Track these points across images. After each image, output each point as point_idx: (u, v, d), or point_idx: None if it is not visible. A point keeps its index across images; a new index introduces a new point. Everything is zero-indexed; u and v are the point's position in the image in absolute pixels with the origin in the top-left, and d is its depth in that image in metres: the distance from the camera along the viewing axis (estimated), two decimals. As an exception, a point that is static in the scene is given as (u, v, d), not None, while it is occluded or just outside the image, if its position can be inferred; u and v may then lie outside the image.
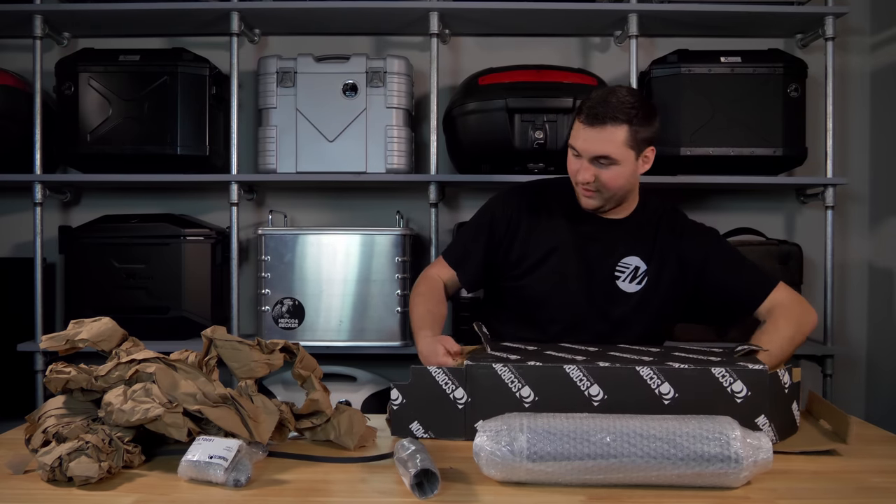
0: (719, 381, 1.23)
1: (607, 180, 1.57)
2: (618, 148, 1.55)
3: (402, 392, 1.29)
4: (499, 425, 1.10)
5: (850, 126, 2.64)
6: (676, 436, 1.06)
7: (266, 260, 2.30)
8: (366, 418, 1.31)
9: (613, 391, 1.24)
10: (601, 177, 1.57)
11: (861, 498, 1.07)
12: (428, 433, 1.29)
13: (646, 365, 1.25)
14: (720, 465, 1.05)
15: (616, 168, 1.56)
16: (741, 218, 2.56)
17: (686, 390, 1.23)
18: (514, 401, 1.25)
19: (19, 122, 2.40)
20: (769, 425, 1.23)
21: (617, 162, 1.56)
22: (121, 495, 1.05)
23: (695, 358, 1.31)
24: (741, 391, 1.23)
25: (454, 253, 1.75)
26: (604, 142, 1.54)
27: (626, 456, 1.05)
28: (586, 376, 1.24)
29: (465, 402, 1.27)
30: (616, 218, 1.69)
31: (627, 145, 1.55)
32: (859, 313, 2.67)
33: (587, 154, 1.56)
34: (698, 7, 2.38)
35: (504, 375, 1.26)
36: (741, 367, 1.24)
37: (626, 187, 1.62)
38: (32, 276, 2.36)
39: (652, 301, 1.65)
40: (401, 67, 2.38)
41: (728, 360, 1.28)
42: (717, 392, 1.23)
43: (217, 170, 2.47)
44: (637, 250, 1.66)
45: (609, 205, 1.64)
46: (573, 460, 1.06)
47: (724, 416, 1.10)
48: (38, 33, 2.38)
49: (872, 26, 2.65)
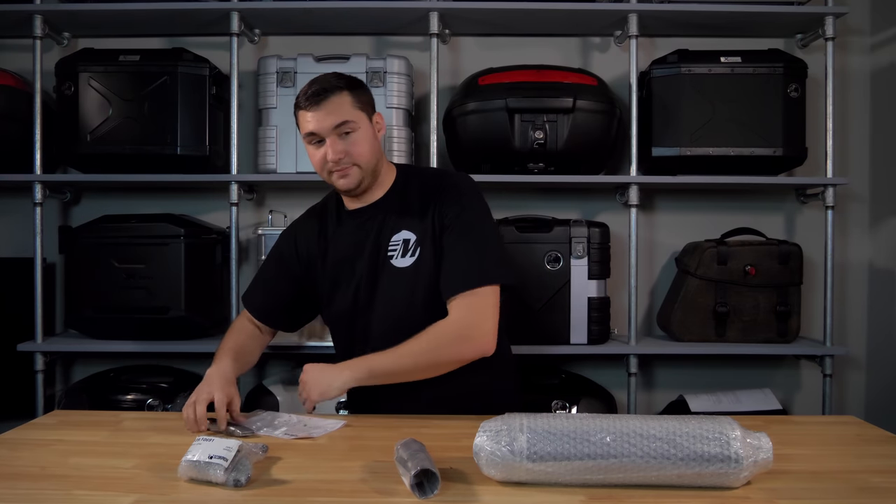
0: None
1: (353, 148, 1.56)
2: (350, 111, 1.56)
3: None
4: (499, 425, 1.10)
5: (850, 126, 2.64)
6: (676, 436, 1.06)
7: (266, 260, 2.30)
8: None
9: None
10: (349, 149, 1.56)
11: (861, 498, 1.07)
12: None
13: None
14: (720, 465, 1.05)
15: (357, 134, 1.57)
16: (741, 218, 2.56)
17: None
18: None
19: (19, 122, 2.40)
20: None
21: (355, 126, 1.56)
22: (121, 495, 1.05)
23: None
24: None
25: (247, 292, 1.77)
26: (335, 112, 1.55)
27: (626, 456, 1.05)
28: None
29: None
30: (377, 199, 1.65)
31: (356, 107, 1.57)
32: (859, 313, 2.67)
33: (325, 129, 1.55)
34: (698, 7, 2.38)
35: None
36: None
37: (374, 154, 1.60)
38: (32, 276, 2.36)
39: (425, 271, 1.58)
40: (401, 67, 2.38)
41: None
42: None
43: (217, 170, 2.47)
44: (404, 224, 1.61)
45: (367, 179, 1.60)
46: (573, 460, 1.06)
47: (725, 417, 1.10)
48: (38, 33, 2.38)
49: (872, 26, 2.65)
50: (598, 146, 2.35)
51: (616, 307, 2.45)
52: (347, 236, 1.66)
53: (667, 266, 2.63)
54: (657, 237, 2.65)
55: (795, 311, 2.36)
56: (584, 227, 2.33)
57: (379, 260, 1.61)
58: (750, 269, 2.33)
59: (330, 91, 1.55)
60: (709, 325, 2.36)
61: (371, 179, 1.62)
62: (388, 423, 1.47)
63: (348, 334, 1.66)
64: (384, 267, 1.60)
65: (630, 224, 2.38)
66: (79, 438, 1.36)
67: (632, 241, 2.38)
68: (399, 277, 1.59)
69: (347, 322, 1.65)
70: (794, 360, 2.63)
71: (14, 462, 1.21)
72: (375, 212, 1.64)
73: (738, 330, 2.36)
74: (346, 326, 1.65)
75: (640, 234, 2.44)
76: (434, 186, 1.62)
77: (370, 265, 1.61)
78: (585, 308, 2.32)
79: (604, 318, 2.36)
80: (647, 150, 2.38)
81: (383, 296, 1.60)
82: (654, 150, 2.36)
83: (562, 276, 2.30)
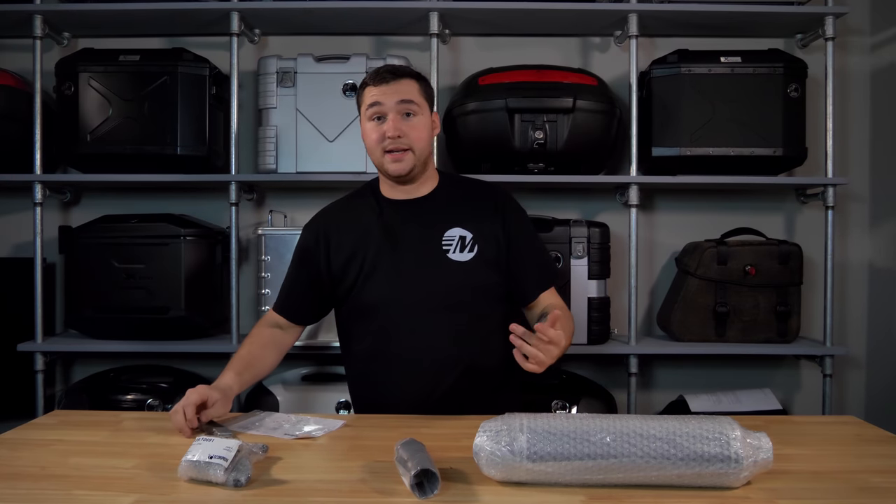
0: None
1: (413, 131, 1.60)
2: (416, 95, 1.62)
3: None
4: (499, 425, 1.10)
5: (850, 126, 2.64)
6: (676, 436, 1.06)
7: (266, 260, 2.30)
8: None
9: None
10: (409, 131, 1.59)
11: (861, 498, 1.07)
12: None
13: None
14: (720, 465, 1.05)
15: (417, 119, 1.61)
16: (741, 218, 2.56)
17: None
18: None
19: (19, 122, 2.40)
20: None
21: (418, 110, 1.61)
22: (121, 495, 1.05)
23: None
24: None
25: (278, 297, 1.76)
26: (405, 90, 1.61)
27: (626, 456, 1.05)
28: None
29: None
30: (425, 194, 1.69)
31: (422, 96, 1.63)
32: (859, 313, 2.67)
33: (390, 102, 1.59)
34: (698, 7, 2.38)
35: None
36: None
37: (429, 144, 1.65)
38: (32, 276, 2.36)
39: (482, 267, 1.63)
40: (401, 67, 2.38)
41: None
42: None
43: (217, 170, 2.47)
44: (456, 221, 1.65)
45: (418, 167, 1.63)
46: (573, 460, 1.06)
47: (725, 417, 1.10)
48: (38, 33, 2.38)
49: (872, 26, 2.65)
50: (598, 146, 2.35)
51: (616, 307, 2.45)
52: (390, 225, 1.66)
53: (667, 266, 2.63)
54: (657, 237, 2.65)
55: (795, 311, 2.36)
56: (584, 227, 2.33)
57: (431, 252, 1.62)
58: (750, 269, 2.33)
59: (401, 74, 1.62)
60: (709, 325, 2.36)
61: (421, 169, 1.65)
62: (388, 423, 1.47)
63: (375, 322, 1.63)
64: (440, 259, 1.62)
65: (630, 224, 2.38)
66: (79, 438, 1.36)
67: (632, 241, 2.38)
68: (457, 270, 1.62)
69: (379, 310, 1.63)
70: (794, 360, 2.63)
71: (14, 462, 1.21)
72: (424, 205, 1.67)
73: (738, 330, 2.36)
74: (376, 314, 1.63)
75: (640, 234, 2.44)
76: (486, 195, 1.71)
77: (418, 256, 1.63)
78: (585, 308, 2.32)
79: (604, 318, 2.36)
80: (647, 150, 2.38)
81: (433, 286, 1.61)
82: (654, 150, 2.36)
83: (562, 276, 2.30)
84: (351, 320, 1.69)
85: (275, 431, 1.39)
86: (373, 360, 1.64)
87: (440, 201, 1.68)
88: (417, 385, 1.59)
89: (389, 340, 1.61)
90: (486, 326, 1.63)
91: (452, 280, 1.61)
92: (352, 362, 1.72)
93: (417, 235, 1.64)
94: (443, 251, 1.62)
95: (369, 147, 1.63)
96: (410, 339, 1.59)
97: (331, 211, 1.76)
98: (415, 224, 1.65)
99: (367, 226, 1.67)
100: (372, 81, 1.62)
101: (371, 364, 1.65)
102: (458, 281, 1.61)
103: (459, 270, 1.61)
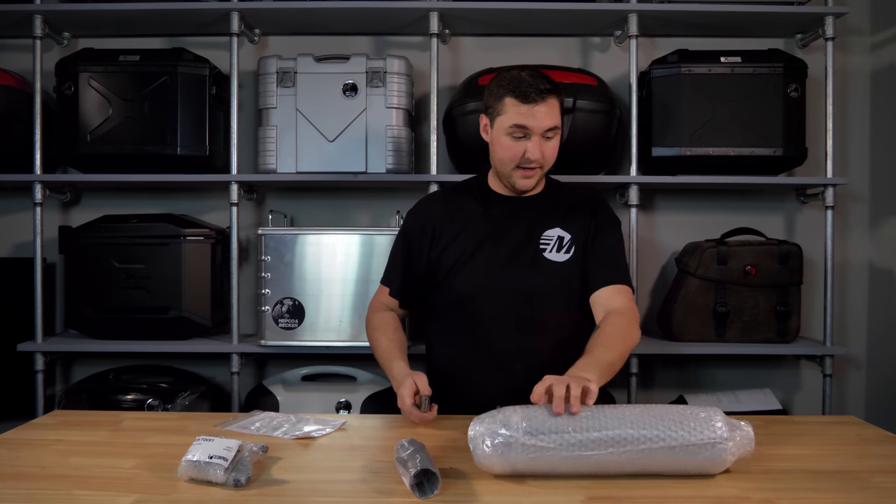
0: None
1: (550, 153, 1.65)
2: (558, 117, 1.64)
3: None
4: (492, 413, 1.15)
5: (850, 126, 2.64)
6: (667, 412, 1.14)
7: (266, 260, 2.30)
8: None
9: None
10: (547, 154, 1.65)
11: (861, 498, 1.08)
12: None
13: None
14: (708, 434, 1.11)
15: (555, 140, 1.65)
16: (741, 218, 2.56)
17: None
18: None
19: (19, 122, 2.40)
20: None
21: (558, 132, 1.65)
22: (121, 495, 1.05)
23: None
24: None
25: (386, 274, 1.84)
26: (552, 114, 1.62)
27: (620, 427, 1.10)
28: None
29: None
30: (532, 194, 1.75)
31: (560, 114, 1.66)
32: (859, 313, 2.67)
33: (540, 129, 1.61)
34: (698, 7, 2.38)
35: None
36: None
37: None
38: (32, 276, 2.36)
39: (577, 268, 1.68)
40: (401, 67, 2.38)
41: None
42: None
43: (217, 170, 2.47)
44: (556, 222, 1.71)
45: (539, 181, 1.71)
46: (569, 434, 1.10)
47: (709, 406, 1.17)
48: (38, 33, 2.38)
49: (872, 26, 2.65)
50: (598, 146, 2.35)
51: (616, 307, 2.44)
52: (494, 218, 1.72)
53: (667, 266, 2.63)
54: (657, 237, 2.65)
55: (795, 311, 2.36)
56: (585, 227, 2.33)
57: (529, 249, 1.68)
58: (750, 269, 2.33)
59: (549, 92, 1.61)
60: (709, 325, 2.36)
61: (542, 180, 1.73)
62: (388, 423, 1.47)
63: (464, 310, 1.69)
64: (536, 257, 1.68)
65: (630, 224, 2.38)
66: (79, 438, 1.36)
67: (632, 241, 2.38)
68: (552, 269, 1.67)
69: (468, 299, 1.68)
70: (794, 360, 2.63)
71: (14, 462, 1.21)
72: (529, 204, 1.73)
73: (738, 330, 2.36)
74: (465, 303, 1.69)
75: (640, 234, 2.45)
76: (588, 200, 1.76)
77: (516, 251, 1.68)
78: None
79: (604, 318, 2.36)
80: (647, 150, 2.38)
81: (526, 281, 1.66)
82: (654, 150, 2.36)
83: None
84: (441, 306, 1.75)
85: (275, 431, 1.39)
86: (457, 345, 1.70)
87: (544, 201, 1.75)
88: (497, 374, 1.64)
89: (476, 328, 1.67)
90: (569, 326, 1.69)
91: (543, 278, 1.66)
92: (435, 345, 1.78)
93: (518, 231, 1.70)
94: (539, 249, 1.68)
95: (501, 158, 1.67)
96: (496, 329, 1.65)
97: (436, 198, 1.86)
98: (517, 220, 1.71)
99: (471, 216, 1.74)
100: (517, 96, 1.60)
101: (456, 347, 1.71)
102: (550, 279, 1.67)
103: (552, 269, 1.67)
